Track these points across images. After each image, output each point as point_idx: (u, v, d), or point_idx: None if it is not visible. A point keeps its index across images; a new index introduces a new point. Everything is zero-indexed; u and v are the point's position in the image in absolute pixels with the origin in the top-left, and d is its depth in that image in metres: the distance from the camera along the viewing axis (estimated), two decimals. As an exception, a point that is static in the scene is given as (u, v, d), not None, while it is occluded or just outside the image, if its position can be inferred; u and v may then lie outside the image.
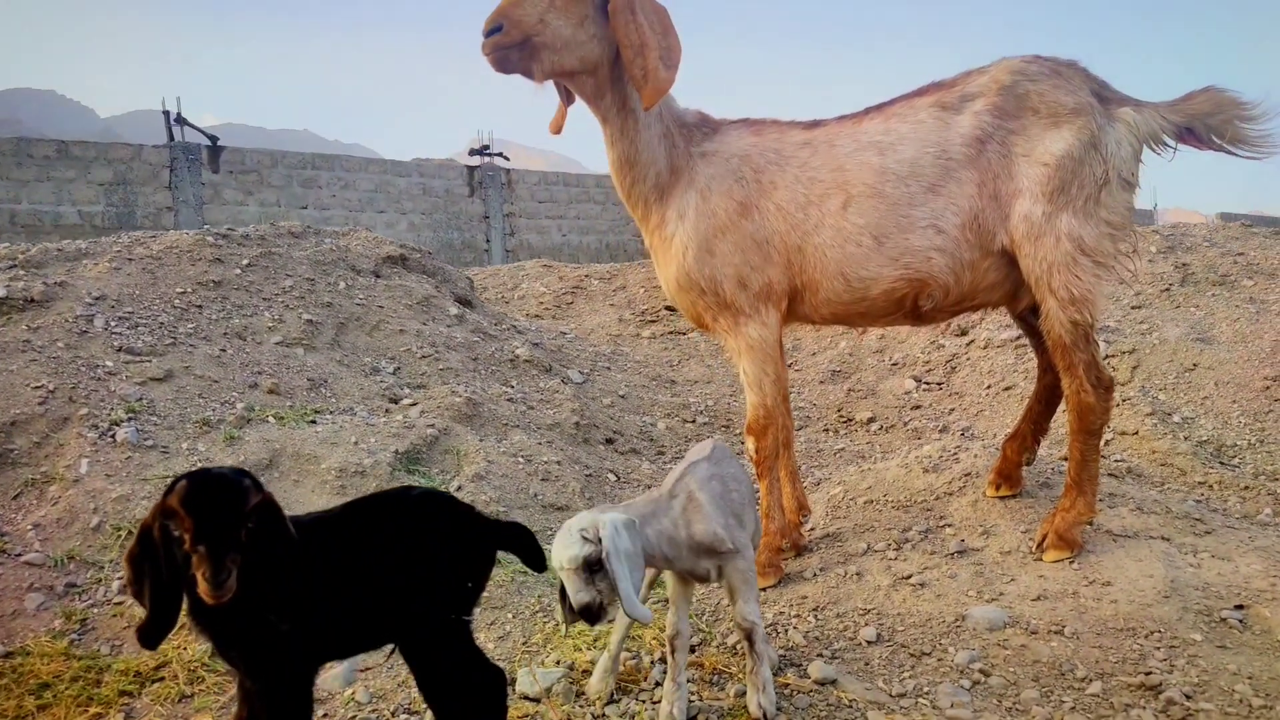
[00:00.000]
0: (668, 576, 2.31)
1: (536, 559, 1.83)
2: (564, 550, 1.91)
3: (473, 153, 17.80)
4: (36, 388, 3.38)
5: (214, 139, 14.83)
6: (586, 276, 7.93)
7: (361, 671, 2.50)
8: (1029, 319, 3.19)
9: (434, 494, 1.84)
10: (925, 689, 2.35)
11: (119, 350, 3.75)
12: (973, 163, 2.78)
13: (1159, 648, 2.44)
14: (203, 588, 1.41)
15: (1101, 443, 2.93)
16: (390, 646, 1.82)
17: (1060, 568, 2.87)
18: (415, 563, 1.69)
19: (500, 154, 17.77)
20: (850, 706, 2.27)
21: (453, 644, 1.74)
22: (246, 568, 1.46)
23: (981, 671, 2.41)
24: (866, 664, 2.51)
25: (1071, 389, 2.84)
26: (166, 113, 14.57)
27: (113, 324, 3.89)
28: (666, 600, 2.27)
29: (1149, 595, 2.67)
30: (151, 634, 1.52)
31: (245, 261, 4.69)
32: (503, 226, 17.33)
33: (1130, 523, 3.10)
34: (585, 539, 1.92)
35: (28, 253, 4.31)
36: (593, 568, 1.91)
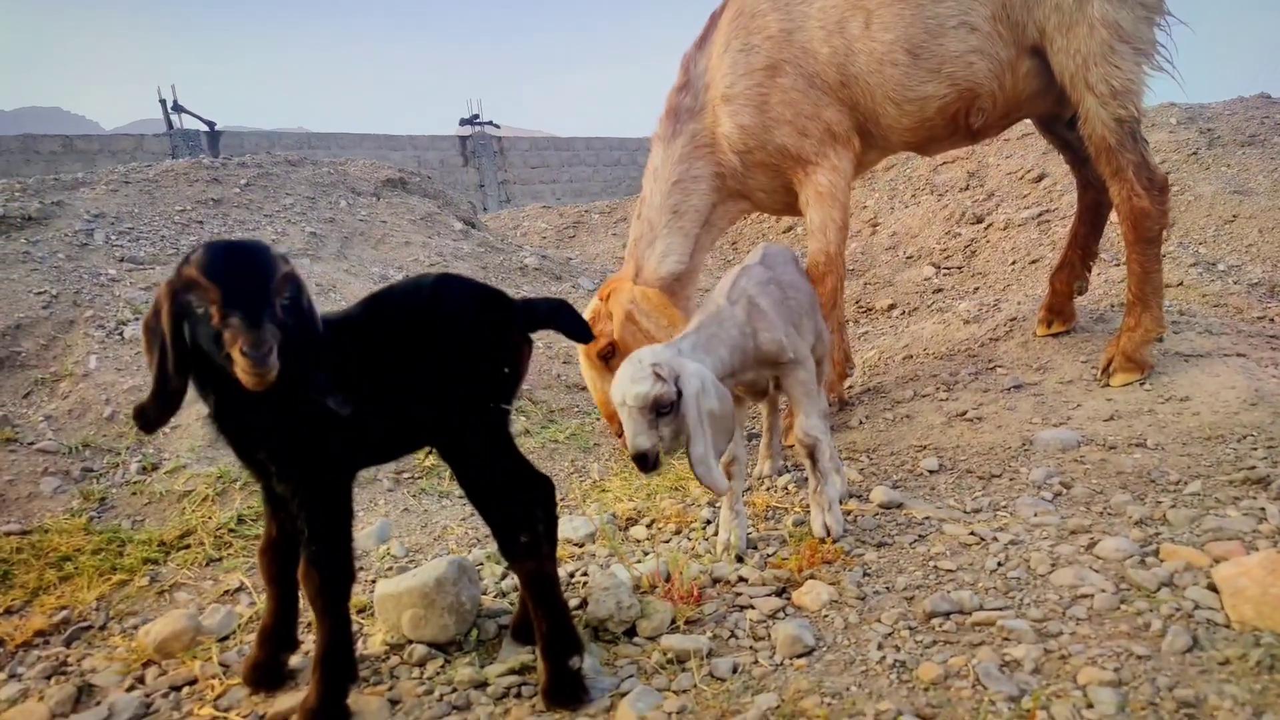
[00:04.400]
0: None
1: (580, 330, 1.64)
2: (631, 385, 1.63)
3: (463, 122, 17.59)
4: (39, 294, 3.25)
5: (211, 124, 14.74)
6: (586, 212, 7.75)
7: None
8: (1062, 132, 2.97)
9: (450, 277, 1.60)
10: (1002, 504, 2.17)
11: (121, 260, 3.61)
12: None
13: (1256, 448, 2.25)
14: (243, 366, 1.18)
15: (1161, 250, 2.71)
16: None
17: (1129, 390, 2.68)
18: (440, 350, 1.48)
19: (491, 122, 17.57)
20: (923, 524, 2.10)
21: (493, 438, 1.54)
22: (282, 350, 1.23)
23: (1062, 484, 2.23)
24: (932, 489, 2.34)
25: (1122, 195, 2.60)
26: (163, 101, 14.45)
27: (113, 237, 3.75)
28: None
29: (1234, 405, 2.48)
30: (150, 416, 1.31)
31: (244, 182, 4.53)
32: (498, 194, 17.22)
33: (1200, 344, 2.90)
34: (658, 376, 1.64)
35: (25, 183, 4.17)
36: (660, 409, 1.63)
